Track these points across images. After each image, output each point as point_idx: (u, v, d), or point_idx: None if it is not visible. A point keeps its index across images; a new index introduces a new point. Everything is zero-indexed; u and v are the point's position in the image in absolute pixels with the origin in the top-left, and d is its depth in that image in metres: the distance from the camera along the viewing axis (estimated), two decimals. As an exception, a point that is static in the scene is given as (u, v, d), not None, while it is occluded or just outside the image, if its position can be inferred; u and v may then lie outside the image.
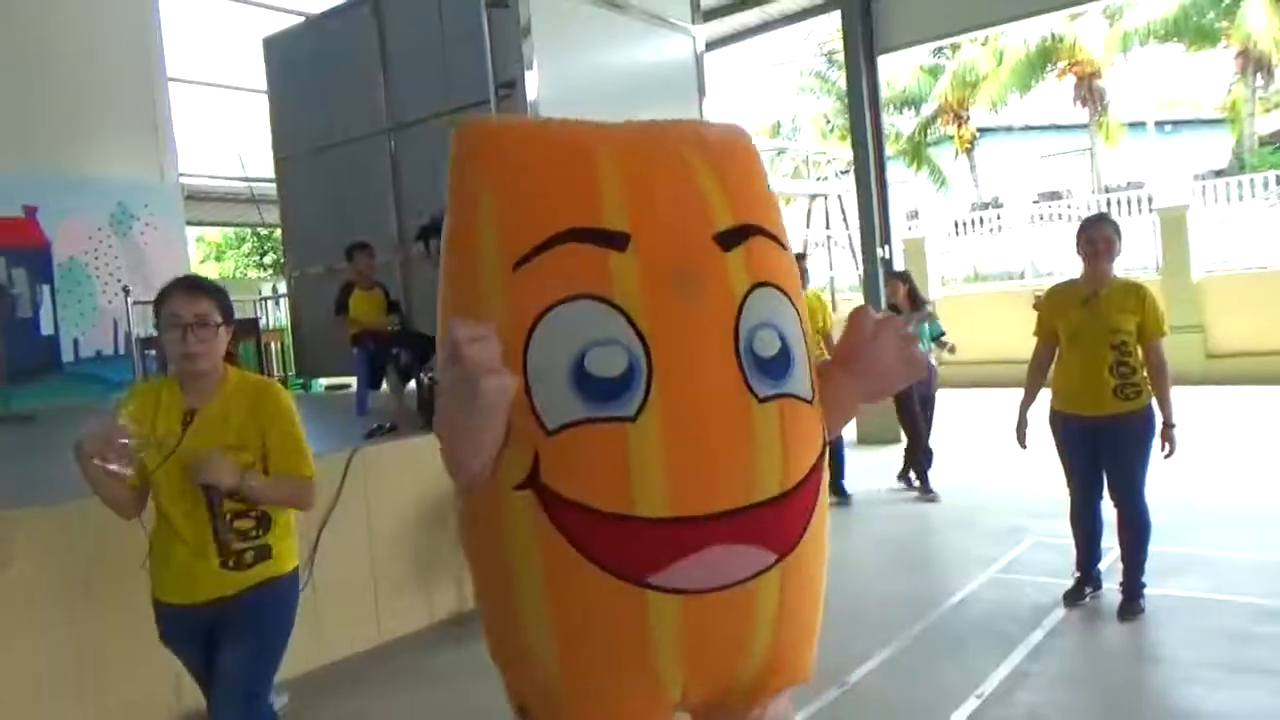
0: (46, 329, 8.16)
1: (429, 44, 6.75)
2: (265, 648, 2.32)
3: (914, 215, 15.89)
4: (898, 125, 21.12)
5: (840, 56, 11.58)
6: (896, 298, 6.67)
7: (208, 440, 2.18)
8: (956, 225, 15.28)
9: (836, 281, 14.08)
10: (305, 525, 3.91)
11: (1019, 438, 4.11)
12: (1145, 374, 3.85)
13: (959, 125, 21.72)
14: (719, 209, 1.70)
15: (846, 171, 16.57)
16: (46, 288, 8.20)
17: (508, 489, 1.58)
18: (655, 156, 1.75)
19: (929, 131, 21.64)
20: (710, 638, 1.63)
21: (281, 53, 8.30)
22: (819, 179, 15.97)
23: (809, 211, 14.11)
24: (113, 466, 2.00)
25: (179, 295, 2.17)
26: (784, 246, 1.81)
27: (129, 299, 8.17)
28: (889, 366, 1.83)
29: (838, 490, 6.19)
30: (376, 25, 7.25)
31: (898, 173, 17.65)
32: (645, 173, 1.70)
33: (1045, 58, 19.25)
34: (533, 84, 5.84)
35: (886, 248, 9.68)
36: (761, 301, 1.67)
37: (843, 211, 13.77)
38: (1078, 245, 3.94)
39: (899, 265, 9.78)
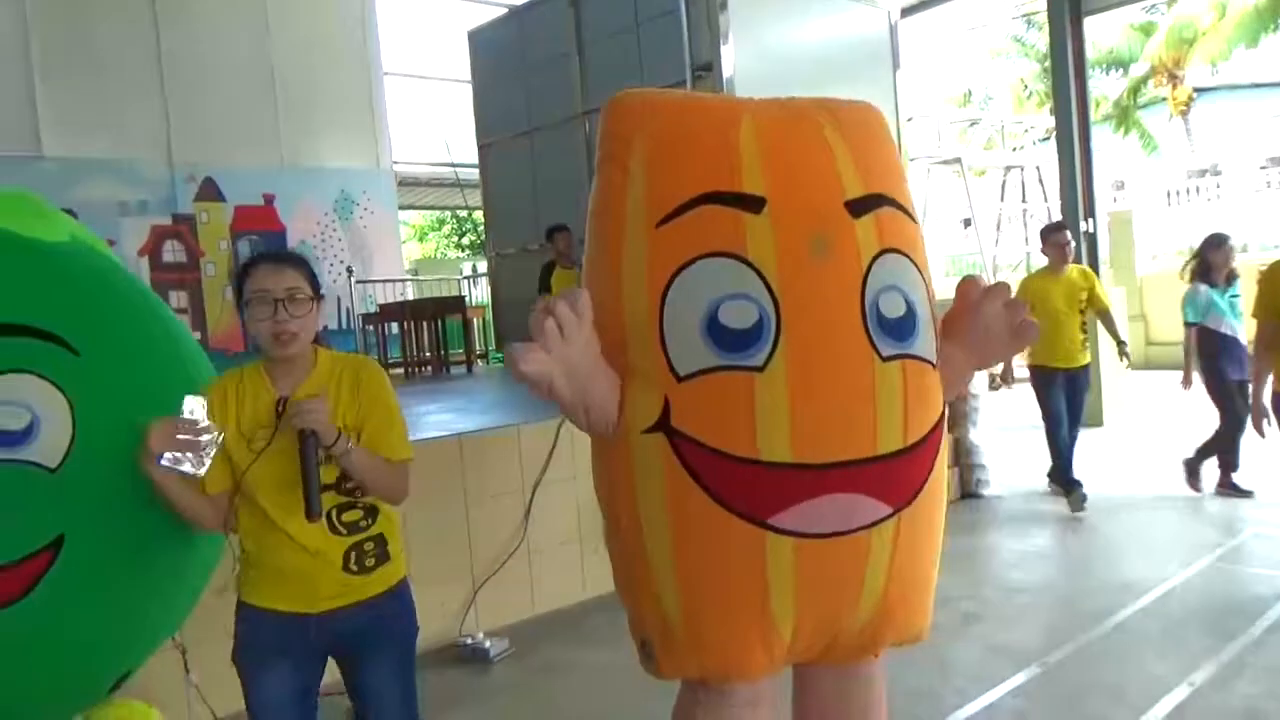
0: (282, 305, 9.02)
1: (624, 30, 6.99)
2: (409, 664, 2.07)
3: (1120, 186, 14.92)
4: (1103, 88, 19.80)
5: (1041, 17, 11.00)
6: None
7: None
8: (1169, 195, 14.23)
9: (1033, 258, 13.45)
10: (523, 487, 4.25)
11: (1256, 427, 3.92)
12: None
13: (1173, 86, 20.12)
14: (850, 179, 1.80)
15: (1045, 140, 15.76)
16: (320, 265, 9.04)
17: (637, 431, 1.70)
18: (794, 129, 1.85)
19: (1139, 94, 20.18)
20: (823, 581, 1.72)
21: (484, 43, 8.79)
22: (1014, 149, 15.24)
23: (1003, 184, 13.51)
24: (185, 468, 1.72)
25: (265, 269, 1.88)
26: (912, 217, 1.90)
27: (352, 279, 8.91)
28: (996, 336, 1.92)
29: (1066, 481, 5.59)
30: (574, 13, 7.57)
31: (1102, 140, 16.59)
32: (783, 143, 1.80)
33: (1277, 8, 17.54)
34: (729, 63, 5.93)
35: (1090, 220, 9.18)
36: (889, 266, 1.76)
37: (1041, 183, 13.11)
38: None
39: (1103, 240, 9.26)
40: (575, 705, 3.39)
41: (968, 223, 13.81)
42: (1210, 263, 5.55)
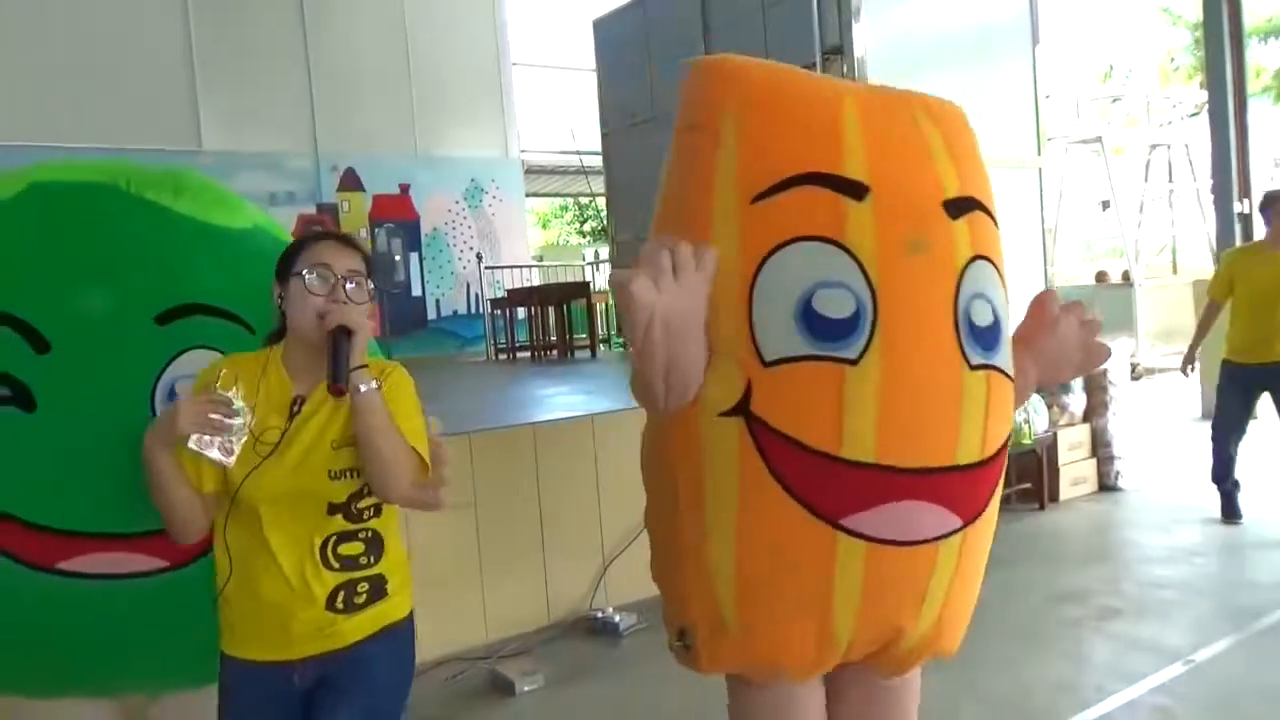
0: (415, 291, 9.38)
1: (751, 13, 6.95)
2: (379, 716, 1.75)
3: (1279, 164, 13.94)
4: (1261, 58, 18.50)
5: (1193, -13, 10.38)
6: None
7: (320, 437, 1.64)
8: (1334, 172, 13.22)
9: (1179, 241, 12.75)
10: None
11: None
12: None
13: (1342, 55, 18.62)
14: (948, 177, 1.72)
15: (1195, 115, 14.85)
16: (415, 255, 9.40)
17: (712, 414, 1.60)
18: (894, 116, 1.76)
19: (1301, 64, 18.75)
20: (889, 589, 1.64)
21: (609, 33, 8.88)
22: (1160, 125, 14.43)
23: (1148, 163, 12.81)
24: (213, 453, 1.56)
25: (330, 244, 1.69)
26: (997, 224, 1.83)
27: (481, 265, 9.20)
28: (1068, 354, 1.90)
29: (1221, 489, 4.91)
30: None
31: (1260, 113, 15.53)
32: (884, 130, 1.71)
33: None
34: (860, 44, 5.84)
35: (1246, 201, 8.63)
36: (979, 273, 1.69)
37: (1189, 161, 12.38)
38: None
39: (1259, 221, 8.69)
40: (701, 678, 3.45)
41: (1106, 204, 13.16)
42: None
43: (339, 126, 8.84)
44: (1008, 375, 1.72)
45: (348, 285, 1.66)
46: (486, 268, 9.25)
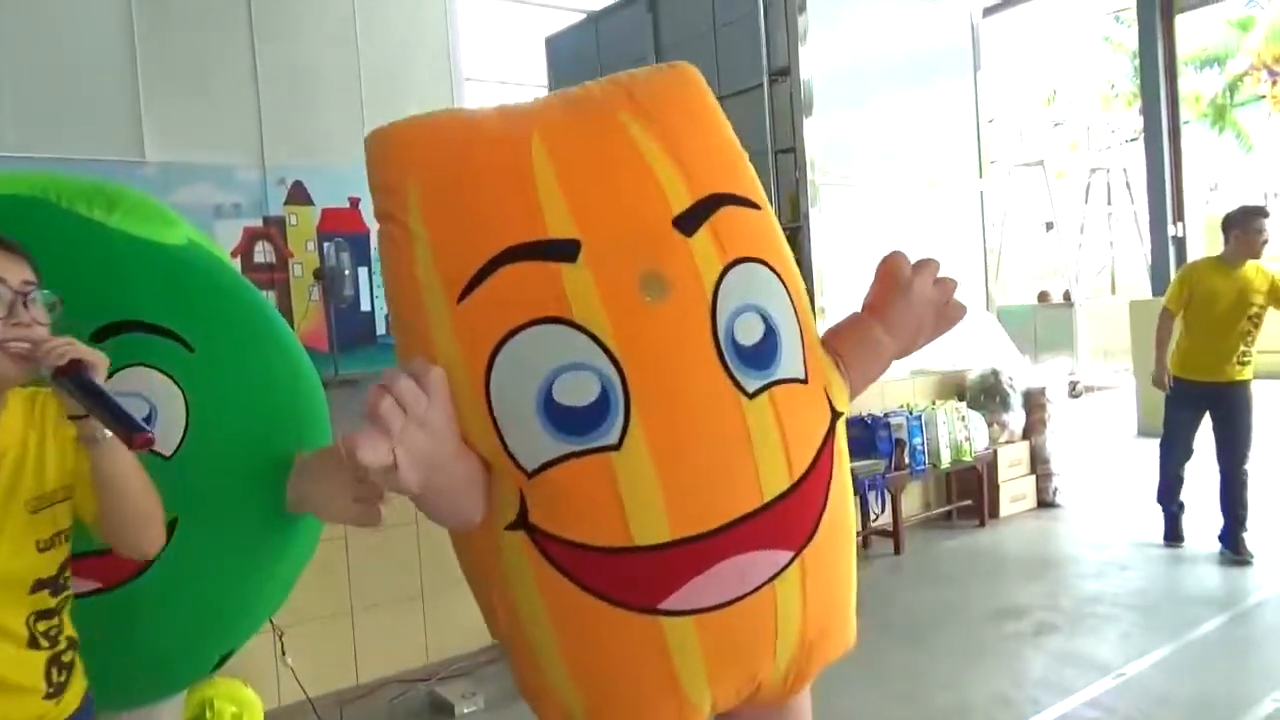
0: (365, 306, 9.30)
1: (702, 34, 7.03)
2: None
3: (1214, 187, 14.41)
4: (1198, 85, 19.14)
5: (1130, 14, 10.73)
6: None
7: (8, 501, 1.37)
8: (1266, 196, 13.73)
9: (1117, 263, 13.11)
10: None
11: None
12: None
13: (1274, 83, 19.33)
14: (674, 188, 1.50)
15: (1133, 140, 15.31)
16: (364, 269, 9.33)
17: (500, 529, 1.46)
18: (590, 135, 1.55)
19: (1236, 92, 19.44)
20: (735, 650, 1.53)
21: (562, 49, 8.93)
22: (1100, 150, 14.85)
23: (1088, 186, 13.18)
24: None
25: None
26: (755, 206, 1.60)
27: (431, 279, 9.15)
28: (924, 317, 1.70)
29: (1237, 547, 4.59)
30: (651, 18, 7.64)
31: (1196, 139, 16.04)
32: (582, 160, 1.51)
33: (1386, 2, 16.73)
34: (806, 66, 5.94)
35: (1180, 225, 8.93)
36: (737, 282, 1.49)
37: (1127, 185, 12.77)
38: None
39: (1195, 245, 8.98)
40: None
41: (1049, 226, 13.51)
42: None
43: (287, 139, 8.74)
44: (797, 380, 1.53)
45: (27, 302, 1.37)
46: (436, 283, 9.21)
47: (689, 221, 1.49)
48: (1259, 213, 4.68)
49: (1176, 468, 4.88)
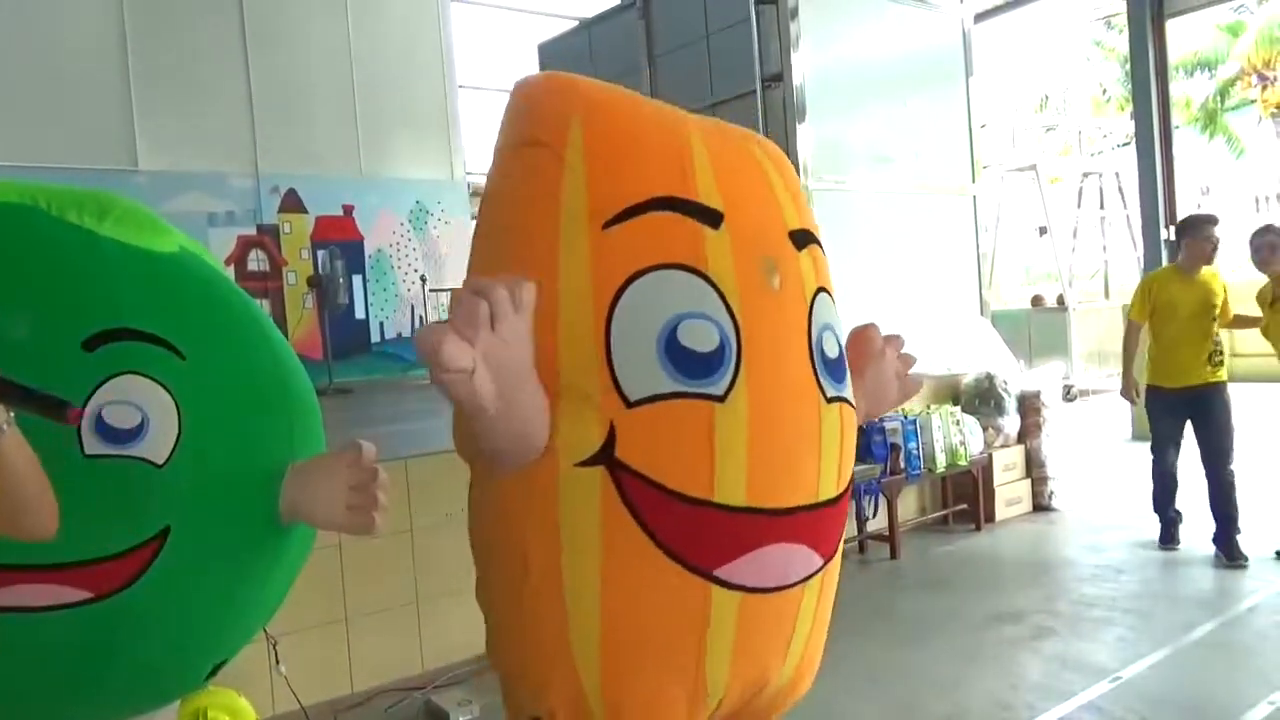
0: (360, 314, 9.29)
1: (694, 40, 7.06)
2: None
3: (1205, 191, 14.46)
4: (1189, 90, 19.23)
5: (1121, 19, 10.77)
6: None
7: None
8: (1257, 201, 13.77)
9: (1111, 267, 13.14)
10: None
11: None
12: None
13: (1264, 88, 19.43)
14: (789, 209, 1.68)
15: (1125, 145, 15.37)
16: (359, 277, 9.31)
17: (567, 466, 1.45)
18: (733, 145, 1.71)
19: (1226, 96, 19.54)
20: (759, 640, 1.56)
21: (554, 56, 8.94)
22: (1092, 154, 14.90)
23: (1080, 191, 13.22)
24: None
25: None
26: (823, 251, 1.78)
27: (425, 287, 9.14)
28: (888, 386, 1.89)
29: (1230, 551, 4.61)
30: (644, 25, 7.66)
31: (1187, 144, 16.12)
32: (728, 159, 1.65)
33: (1374, 6, 16.84)
34: (799, 72, 5.95)
35: (1171, 229, 8.95)
36: (824, 305, 1.65)
37: (1120, 190, 12.81)
38: None
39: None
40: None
41: (1043, 231, 13.54)
42: None
43: (281, 147, 8.73)
44: (854, 406, 1.70)
45: None
46: (431, 290, 9.18)
47: (798, 239, 1.66)
48: (1208, 220, 4.86)
49: (1169, 470, 4.94)
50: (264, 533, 1.93)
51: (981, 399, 5.97)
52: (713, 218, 1.53)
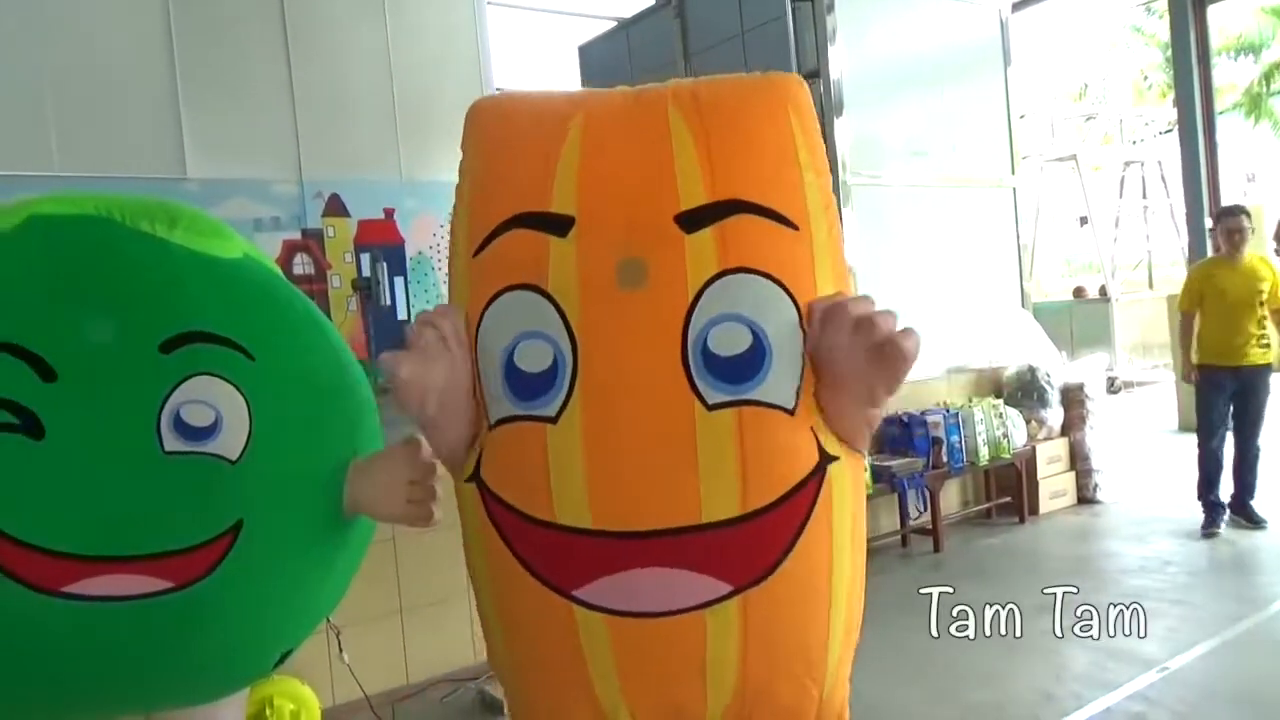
0: (401, 314, 9.43)
1: (730, 37, 7.08)
2: None
3: (1251, 178, 14.19)
4: (1232, 75, 18.86)
5: (1161, 5, 10.62)
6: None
7: None
8: (1305, 186, 13.48)
9: (1154, 257, 12.94)
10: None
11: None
12: None
13: (1311, 71, 19.00)
14: (691, 184, 1.46)
15: (1167, 132, 15.13)
16: (400, 279, 9.45)
17: (460, 480, 1.58)
18: (631, 124, 1.54)
19: (1271, 80, 19.12)
20: (652, 666, 1.47)
21: (594, 57, 9.01)
22: (1134, 143, 14.68)
23: (1122, 180, 13.04)
24: None
25: None
26: (789, 224, 1.49)
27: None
28: (852, 368, 1.41)
29: (1249, 514, 5.23)
30: (680, 23, 7.70)
31: (1232, 129, 15.81)
32: (610, 143, 1.52)
33: None
34: (836, 66, 5.96)
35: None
36: (731, 291, 1.41)
37: (1163, 178, 12.61)
38: None
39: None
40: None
41: (1084, 221, 13.38)
42: None
43: (323, 152, 8.89)
44: (781, 408, 1.42)
45: None
46: (471, 290, 9.30)
47: (692, 219, 1.44)
48: (1231, 211, 5.34)
49: (1215, 449, 5.27)
50: (330, 525, 2.01)
51: (1024, 391, 5.95)
52: (560, 225, 1.47)
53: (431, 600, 3.70)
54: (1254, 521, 5.16)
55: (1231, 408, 5.21)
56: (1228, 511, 5.19)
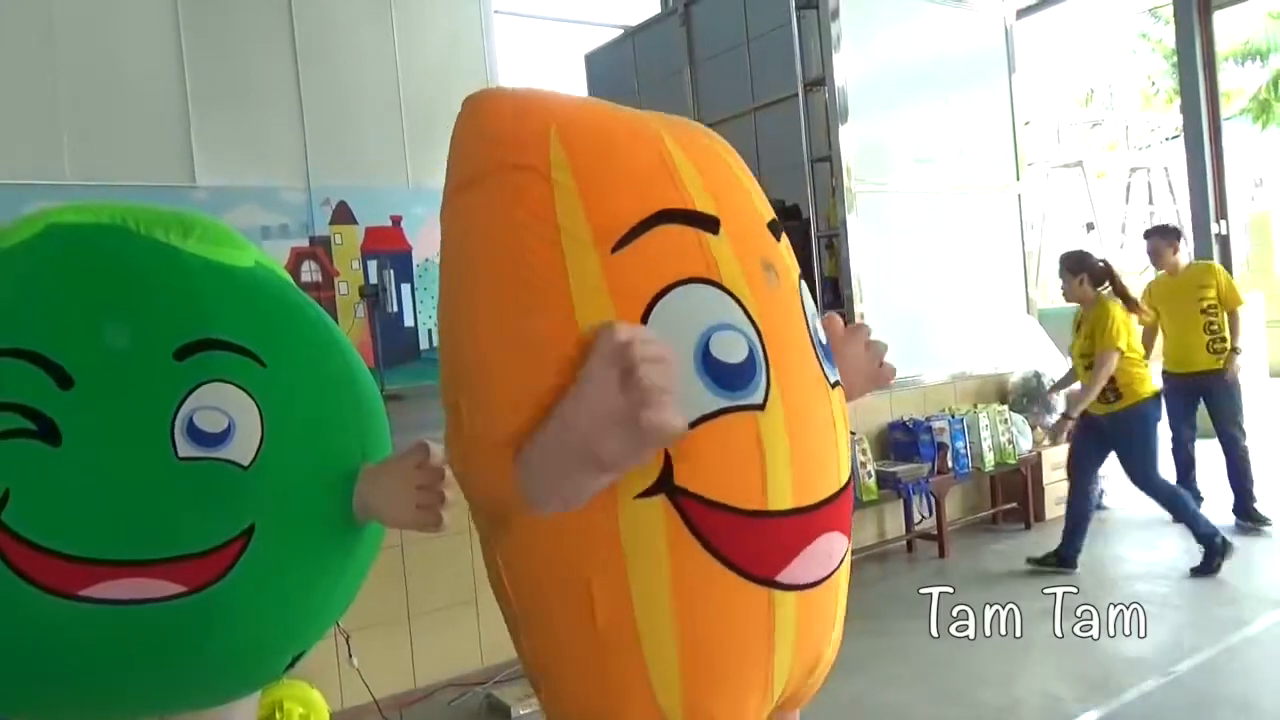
0: (408, 321, 9.47)
1: (735, 45, 7.12)
2: None
3: (1259, 183, 14.17)
4: (1240, 80, 18.84)
5: (1167, 11, 10.62)
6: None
7: None
8: (1312, 192, 13.46)
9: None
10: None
11: None
12: None
13: (1318, 76, 18.96)
14: (759, 202, 1.67)
15: (1174, 139, 15.12)
16: (407, 286, 9.50)
17: (627, 500, 1.42)
18: (699, 144, 1.66)
19: (1278, 86, 19.09)
20: (816, 630, 1.59)
21: (600, 65, 9.06)
22: (1140, 149, 14.68)
23: (1128, 186, 13.04)
24: None
25: None
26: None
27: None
28: (854, 377, 1.83)
29: (1252, 515, 5.36)
30: (685, 31, 7.74)
31: (1240, 135, 15.79)
32: (700, 159, 1.61)
33: None
34: (841, 73, 5.98)
35: (1223, 223, 8.81)
36: (805, 292, 1.66)
37: (1169, 184, 12.61)
38: None
39: (1239, 243, 8.87)
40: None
41: (1090, 227, 13.38)
42: None
43: (331, 160, 8.95)
44: (840, 385, 1.71)
45: None
46: (478, 297, 9.34)
47: (775, 230, 1.65)
48: (1149, 234, 5.86)
49: (1183, 446, 5.63)
50: (341, 530, 2.04)
51: (1029, 397, 5.96)
52: (711, 224, 1.51)
53: (440, 605, 3.72)
54: (1258, 521, 5.23)
55: (1209, 414, 5.48)
56: (1202, 500, 5.43)
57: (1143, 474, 4.74)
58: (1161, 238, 5.69)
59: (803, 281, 1.68)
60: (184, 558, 1.75)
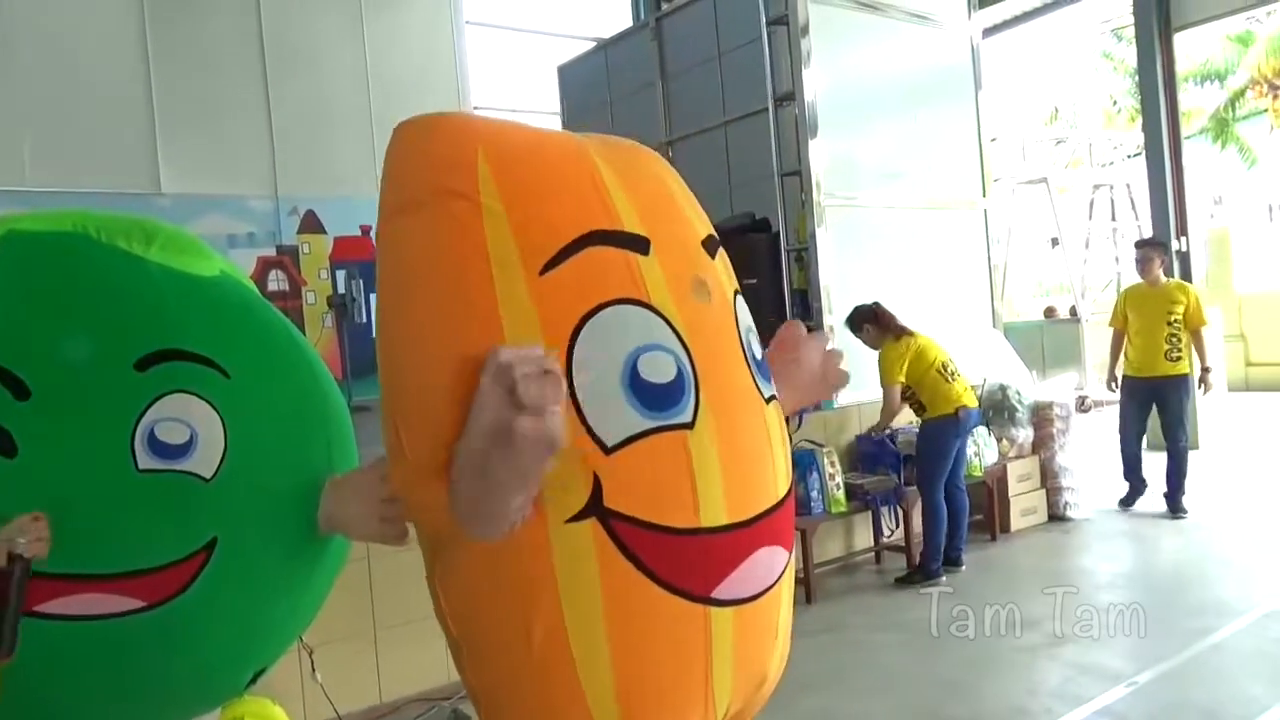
0: (374, 332, 9.41)
1: (707, 60, 7.16)
2: None
3: (1218, 201, 14.46)
4: (1200, 100, 19.24)
5: (1130, 31, 10.82)
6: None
7: None
8: (1270, 210, 13.75)
9: (1124, 278, 13.13)
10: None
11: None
12: None
13: (1275, 97, 19.41)
14: (695, 218, 1.70)
15: (1136, 156, 15.40)
16: (375, 296, 9.43)
17: (558, 523, 1.43)
18: (631, 162, 1.69)
19: (1237, 106, 19.52)
20: (755, 644, 1.60)
21: (573, 77, 9.06)
22: (1103, 166, 14.93)
23: (1091, 203, 13.24)
24: None
25: None
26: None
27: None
28: (812, 383, 1.96)
29: (1175, 506, 5.87)
30: (657, 45, 7.77)
31: (1199, 154, 16.12)
32: (633, 178, 1.63)
33: (1385, 14, 16.82)
34: (810, 89, 6.03)
35: (1184, 239, 8.97)
36: (741, 306, 1.68)
37: (1131, 201, 12.82)
38: None
39: (1199, 259, 9.06)
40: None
41: (1055, 243, 13.57)
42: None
43: (300, 169, 8.89)
44: (776, 399, 1.73)
45: None
46: (447, 308, 9.31)
47: (709, 246, 1.68)
48: (1139, 244, 6.46)
49: (1133, 447, 6.13)
50: (304, 544, 2.01)
51: (995, 410, 6.02)
52: (641, 244, 1.53)
53: (406, 619, 3.68)
54: (1176, 513, 5.79)
55: (1159, 415, 5.97)
56: (1146, 490, 6.04)
57: (925, 477, 5.08)
58: (1153, 249, 6.21)
59: (739, 297, 1.70)
60: (143, 572, 1.72)
